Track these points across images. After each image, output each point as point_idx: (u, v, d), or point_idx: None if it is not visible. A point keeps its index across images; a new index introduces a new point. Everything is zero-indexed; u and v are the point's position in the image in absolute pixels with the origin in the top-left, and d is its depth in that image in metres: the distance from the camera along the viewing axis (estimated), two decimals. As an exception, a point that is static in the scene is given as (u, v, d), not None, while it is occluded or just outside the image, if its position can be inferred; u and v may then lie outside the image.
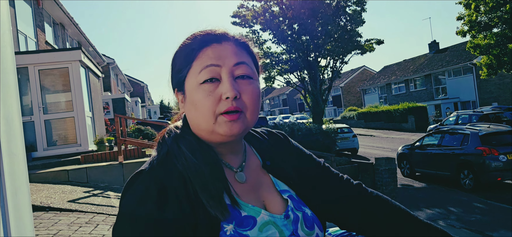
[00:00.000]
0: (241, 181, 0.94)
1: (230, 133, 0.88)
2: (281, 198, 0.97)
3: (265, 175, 1.01)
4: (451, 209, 9.68)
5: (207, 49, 0.90)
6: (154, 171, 0.85)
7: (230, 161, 0.97)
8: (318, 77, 19.20)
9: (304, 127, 14.55)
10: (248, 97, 0.90)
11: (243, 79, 0.90)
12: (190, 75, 0.91)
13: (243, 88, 0.89)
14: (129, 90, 34.47)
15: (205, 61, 0.89)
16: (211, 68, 0.88)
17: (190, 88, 0.91)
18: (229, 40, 0.93)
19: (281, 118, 40.63)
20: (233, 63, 0.90)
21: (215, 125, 0.88)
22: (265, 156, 1.04)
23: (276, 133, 1.14)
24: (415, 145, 13.55)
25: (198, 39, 0.93)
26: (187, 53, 0.93)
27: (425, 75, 36.42)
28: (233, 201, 0.87)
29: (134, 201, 0.81)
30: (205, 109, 0.87)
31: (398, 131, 29.96)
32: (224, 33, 0.94)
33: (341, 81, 48.64)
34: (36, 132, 8.65)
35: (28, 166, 6.48)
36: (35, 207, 4.95)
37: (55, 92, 9.32)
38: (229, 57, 0.90)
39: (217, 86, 0.88)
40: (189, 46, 0.93)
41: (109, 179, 7.41)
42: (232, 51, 0.91)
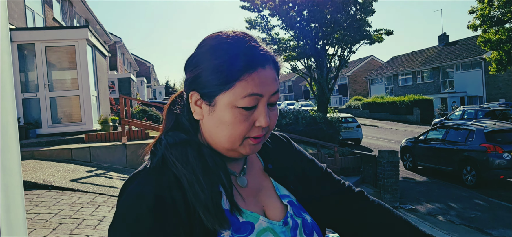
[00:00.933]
0: (243, 185, 0.94)
1: (251, 152, 0.89)
2: (281, 203, 0.95)
3: (266, 178, 1.00)
4: (451, 204, 9.69)
5: (254, 74, 0.83)
6: (152, 173, 0.84)
7: (231, 166, 0.95)
8: (325, 66, 19.07)
9: (309, 115, 14.52)
10: (272, 122, 0.90)
11: (272, 105, 0.89)
12: (227, 94, 0.84)
13: (270, 115, 0.88)
14: (135, 70, 34.48)
15: (250, 88, 0.83)
16: (255, 98, 0.84)
17: (223, 106, 0.85)
18: (270, 63, 0.87)
19: (286, 104, 40.58)
20: (272, 92, 0.86)
21: (240, 146, 0.87)
22: (267, 159, 1.03)
23: (280, 136, 1.12)
24: (419, 138, 13.51)
25: (243, 58, 0.84)
26: (228, 72, 0.83)
27: (433, 68, 36.11)
28: (232, 208, 0.86)
29: (131, 202, 0.81)
30: (236, 133, 0.85)
31: (402, 123, 29.85)
32: (266, 52, 0.87)
33: (348, 70, 48.35)
34: (41, 109, 8.70)
35: (32, 143, 6.57)
36: (37, 185, 5.01)
37: (61, 70, 9.34)
38: (269, 85, 0.85)
39: (253, 112, 0.85)
40: (231, 64, 0.83)
41: (112, 159, 7.46)
42: (272, 78, 0.86)
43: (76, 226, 3.50)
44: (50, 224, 3.50)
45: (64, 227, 3.45)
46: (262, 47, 0.88)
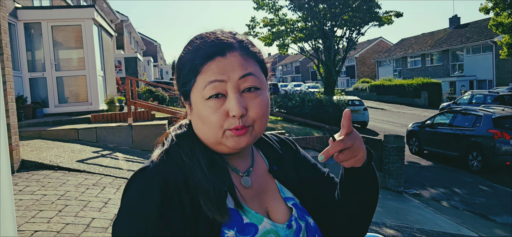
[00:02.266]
0: (247, 185, 0.93)
1: (238, 146, 0.87)
2: (285, 205, 0.95)
3: (271, 180, 0.99)
4: (456, 189, 9.68)
5: (210, 63, 0.86)
6: (158, 169, 0.84)
7: (237, 165, 0.95)
8: (333, 48, 18.93)
9: (315, 98, 14.47)
10: (255, 112, 0.87)
11: (250, 91, 0.86)
12: (195, 90, 0.88)
13: (250, 103, 0.86)
14: (142, 49, 34.44)
15: (209, 76, 0.85)
16: (215, 84, 0.84)
17: (196, 102, 0.88)
18: (234, 49, 0.87)
19: (293, 86, 40.46)
20: (239, 76, 0.85)
21: (223, 138, 0.86)
22: (272, 160, 1.02)
23: (286, 140, 1.12)
24: (425, 123, 13.44)
25: (201, 52, 0.87)
26: (190, 67, 0.88)
27: (443, 51, 35.67)
28: (237, 204, 0.86)
29: (137, 199, 0.81)
30: (213, 125, 0.86)
31: (410, 106, 29.66)
32: (228, 42, 0.88)
33: (356, 51, 47.90)
34: (48, 88, 8.75)
35: (39, 122, 6.63)
36: (44, 166, 5.08)
37: (67, 49, 9.37)
38: (234, 70, 0.85)
39: (224, 102, 0.85)
40: (192, 60, 0.88)
41: (118, 139, 7.52)
42: (237, 63, 0.86)
43: (81, 208, 3.56)
44: (56, 206, 3.56)
45: (69, 209, 3.51)
46: (226, 38, 0.89)
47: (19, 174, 4.74)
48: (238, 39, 0.91)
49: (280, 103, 14.99)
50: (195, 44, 0.89)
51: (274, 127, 11.69)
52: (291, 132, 11.22)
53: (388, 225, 6.22)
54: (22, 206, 3.47)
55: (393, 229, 6.01)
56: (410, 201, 8.59)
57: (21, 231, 2.87)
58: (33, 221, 3.09)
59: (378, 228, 5.89)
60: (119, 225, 0.82)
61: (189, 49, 0.90)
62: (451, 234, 6.48)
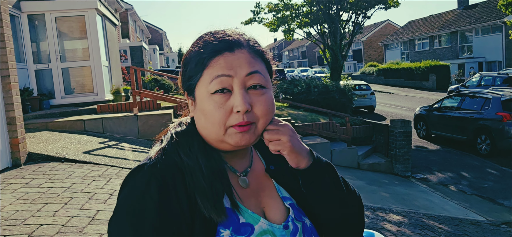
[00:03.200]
0: (244, 185, 0.93)
1: (240, 143, 0.87)
2: (283, 205, 0.95)
3: (268, 179, 0.99)
4: (463, 173, 9.62)
5: (219, 58, 0.87)
6: (156, 166, 0.84)
7: (234, 164, 0.95)
8: (339, 32, 18.74)
9: (321, 83, 14.38)
10: (260, 109, 0.87)
11: (256, 89, 0.88)
12: (200, 84, 0.88)
13: (255, 100, 0.87)
14: (148, 37, 34.41)
15: (216, 71, 0.86)
16: (222, 79, 0.85)
17: (200, 97, 0.88)
18: (242, 47, 0.89)
19: (299, 71, 40.29)
20: (246, 73, 0.86)
21: (225, 135, 0.86)
22: (269, 160, 1.02)
23: None
24: (433, 107, 13.33)
25: (210, 46, 0.89)
26: (198, 61, 0.89)
27: (451, 32, 35.19)
28: (233, 204, 0.86)
29: (134, 196, 0.81)
30: (216, 121, 0.86)
31: (418, 89, 29.41)
32: (237, 39, 0.90)
33: (362, 35, 47.45)
34: (54, 79, 8.79)
35: (46, 114, 6.68)
36: (51, 158, 5.12)
37: (72, 40, 9.37)
38: (241, 66, 0.87)
39: (229, 97, 0.86)
40: (200, 54, 0.89)
41: (124, 130, 7.56)
42: (245, 60, 0.88)
43: (87, 201, 3.59)
44: (62, 199, 3.58)
45: (75, 201, 3.54)
46: (234, 36, 0.91)
47: (26, 166, 4.78)
48: (246, 38, 0.93)
49: (285, 90, 14.92)
50: (204, 39, 0.91)
51: (280, 113, 11.66)
52: (297, 118, 11.18)
53: (395, 210, 6.21)
54: (29, 199, 3.50)
55: (400, 215, 6.00)
56: (417, 186, 8.57)
57: (26, 225, 2.90)
58: (39, 215, 3.12)
59: (384, 214, 5.88)
60: (116, 222, 0.82)
61: (198, 43, 0.91)
62: (458, 218, 6.46)
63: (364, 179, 8.22)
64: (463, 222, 6.27)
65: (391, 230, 5.12)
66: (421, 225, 5.65)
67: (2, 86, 4.78)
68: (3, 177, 4.28)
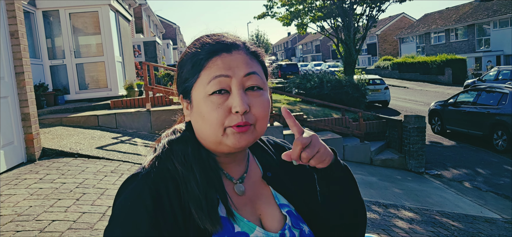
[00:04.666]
0: (240, 193, 0.92)
1: (239, 145, 0.86)
2: (280, 212, 0.94)
3: (265, 186, 0.98)
4: (479, 170, 9.47)
5: (216, 58, 0.87)
6: (149, 176, 0.83)
7: (231, 171, 0.94)
8: (352, 26, 18.55)
9: (334, 78, 14.28)
10: (258, 110, 0.87)
11: (253, 90, 0.87)
12: (197, 85, 0.88)
13: (253, 101, 0.86)
14: (161, 32, 34.59)
15: (214, 71, 0.86)
16: (220, 79, 0.85)
17: (197, 99, 0.88)
18: (239, 48, 0.89)
19: (313, 65, 40.07)
20: (244, 73, 0.86)
21: (223, 136, 0.85)
22: (267, 167, 1.01)
23: (282, 144, 1.10)
24: (448, 102, 13.13)
25: (207, 47, 0.89)
26: (194, 62, 0.89)
27: (468, 25, 34.51)
28: (229, 213, 0.86)
29: (128, 207, 0.81)
30: (214, 122, 0.85)
31: (433, 84, 28.98)
32: (234, 41, 0.90)
33: (377, 28, 46.93)
34: (68, 75, 8.91)
35: (60, 109, 6.79)
36: (65, 153, 5.20)
37: (86, 36, 9.47)
38: (239, 67, 0.86)
39: (227, 98, 0.85)
40: (197, 55, 0.89)
41: (137, 125, 7.64)
42: (242, 61, 0.88)
43: (98, 197, 3.64)
44: (74, 194, 3.64)
45: (87, 197, 3.59)
46: (231, 37, 0.91)
47: (40, 162, 4.87)
48: (243, 40, 0.93)
49: (298, 84, 14.85)
50: (201, 40, 0.91)
51: (292, 108, 11.63)
52: (309, 113, 11.13)
53: (407, 207, 6.15)
54: (42, 195, 3.57)
55: (412, 212, 5.94)
56: (431, 182, 8.47)
57: (39, 221, 2.96)
58: (51, 211, 3.18)
59: (396, 211, 5.83)
60: (110, 232, 0.81)
61: (194, 45, 0.91)
62: (472, 216, 6.37)
63: (377, 175, 8.15)
64: (477, 220, 6.18)
65: (403, 227, 5.07)
66: (434, 222, 5.58)
67: (16, 83, 4.86)
68: (18, 172, 4.37)
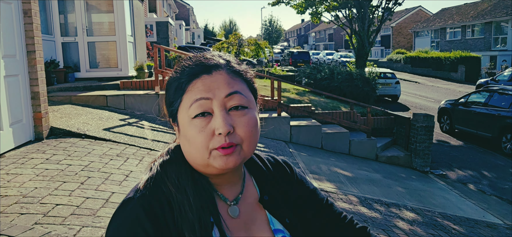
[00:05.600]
0: (234, 216, 0.91)
1: (226, 166, 0.84)
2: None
3: (261, 210, 0.96)
4: (485, 172, 9.41)
5: (196, 81, 0.86)
6: (145, 198, 0.82)
7: (225, 192, 0.93)
8: (367, 18, 18.31)
9: (345, 70, 14.18)
10: (242, 130, 0.85)
11: (237, 110, 0.86)
12: (181, 109, 0.87)
13: (237, 121, 0.85)
14: (175, 12, 34.50)
15: (194, 94, 0.85)
16: (201, 102, 0.84)
17: (182, 122, 0.87)
18: (220, 68, 0.88)
19: (325, 54, 39.75)
20: (225, 94, 0.85)
21: (210, 158, 0.84)
22: (264, 188, 0.99)
23: (282, 164, 1.08)
24: (459, 101, 13.00)
25: (187, 70, 0.88)
26: (176, 86, 0.89)
27: (486, 23, 33.86)
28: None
29: (124, 230, 0.80)
30: (199, 145, 0.84)
31: (445, 80, 28.64)
32: (215, 62, 0.89)
33: (392, 20, 46.26)
34: (80, 53, 8.97)
35: (70, 87, 6.86)
36: (72, 134, 5.27)
37: (98, 14, 9.48)
38: (220, 88, 0.85)
39: (210, 120, 0.84)
40: (178, 79, 0.89)
41: (145, 107, 7.69)
42: (223, 81, 0.86)
43: (102, 181, 3.70)
44: (79, 177, 3.71)
45: (91, 181, 3.65)
46: (212, 58, 0.90)
47: (48, 141, 4.95)
48: (226, 59, 0.92)
49: (308, 74, 14.78)
50: (182, 64, 0.91)
51: (301, 98, 11.60)
52: (318, 105, 11.11)
53: (409, 207, 6.15)
54: (47, 176, 3.64)
55: (414, 212, 5.95)
56: (435, 182, 8.44)
57: (43, 204, 3.02)
58: (55, 194, 3.25)
59: (398, 211, 5.84)
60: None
61: (176, 70, 0.91)
62: (474, 220, 6.35)
63: (381, 172, 8.14)
64: (479, 224, 6.17)
65: (403, 228, 5.08)
66: (435, 224, 5.59)
67: (27, 61, 4.92)
68: (25, 151, 4.45)
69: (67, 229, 2.67)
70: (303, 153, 7.95)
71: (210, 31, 44.44)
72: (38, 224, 2.70)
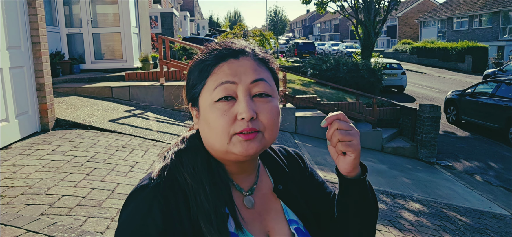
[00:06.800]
0: (249, 206, 0.90)
1: (246, 153, 0.83)
2: (288, 229, 0.92)
3: (276, 200, 0.95)
4: (491, 163, 9.35)
5: (223, 65, 0.85)
6: (158, 188, 0.81)
7: (240, 182, 0.92)
8: (373, 8, 18.14)
9: (350, 61, 14.11)
10: (266, 117, 0.84)
11: (261, 97, 0.85)
12: (204, 92, 0.86)
13: (260, 108, 0.84)
14: (179, 3, 34.40)
15: (220, 77, 0.84)
16: (226, 86, 0.83)
17: (204, 106, 0.86)
18: (247, 54, 0.88)
19: (330, 45, 39.54)
20: (251, 80, 0.84)
21: (230, 144, 0.83)
22: (278, 179, 0.98)
23: (294, 155, 1.08)
24: (466, 91, 12.89)
25: (214, 53, 0.88)
26: (201, 68, 0.87)
27: (494, 12, 33.46)
28: (237, 228, 0.84)
29: (136, 220, 0.78)
30: (219, 129, 0.83)
31: (452, 71, 28.42)
32: (242, 48, 0.89)
33: (398, 10, 45.83)
34: (85, 44, 8.98)
35: (76, 78, 6.87)
36: (78, 125, 5.28)
37: (103, 5, 9.47)
38: (246, 73, 0.85)
39: (233, 104, 0.83)
40: (204, 61, 0.88)
41: (150, 99, 7.70)
42: (250, 67, 0.86)
43: (108, 172, 3.71)
44: (84, 169, 3.72)
45: (97, 172, 3.66)
46: (239, 44, 0.91)
47: (54, 132, 4.97)
48: (251, 47, 0.91)
49: (314, 65, 14.71)
50: (209, 47, 0.91)
51: (306, 90, 11.56)
52: (323, 95, 11.06)
53: (415, 198, 6.13)
54: (53, 168, 3.65)
55: (420, 203, 5.93)
56: (441, 173, 8.40)
57: (49, 195, 3.04)
58: (61, 185, 3.26)
59: (404, 202, 5.83)
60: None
61: (202, 51, 0.91)
62: (480, 211, 6.32)
63: (387, 163, 8.12)
64: (485, 215, 6.14)
65: (409, 219, 5.07)
66: (441, 215, 5.57)
67: (32, 52, 4.92)
68: (32, 142, 4.47)
69: (73, 220, 2.68)
70: (309, 144, 7.93)
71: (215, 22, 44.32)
72: (44, 215, 2.71)
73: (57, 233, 2.43)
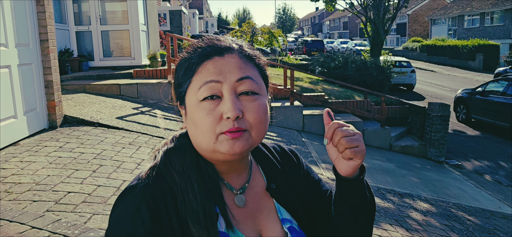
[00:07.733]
0: (240, 205, 0.89)
1: (232, 151, 0.82)
2: (281, 228, 0.90)
3: (268, 198, 0.94)
4: (501, 163, 9.23)
5: (207, 63, 0.84)
6: (147, 188, 0.80)
7: (231, 181, 0.91)
8: (383, 5, 17.99)
9: (359, 59, 14.01)
10: (252, 116, 0.83)
11: (248, 95, 0.83)
12: (190, 91, 0.85)
13: (247, 106, 0.83)
14: (188, 0, 34.48)
15: (204, 76, 0.83)
16: (211, 85, 0.82)
17: (190, 105, 0.85)
18: (233, 52, 0.86)
19: (339, 43, 39.34)
20: (236, 78, 0.83)
21: (216, 143, 0.82)
22: (271, 177, 0.97)
23: (289, 153, 1.06)
24: (476, 90, 12.74)
25: (199, 51, 0.86)
26: (186, 67, 0.86)
27: (506, 10, 33.01)
28: (228, 227, 0.83)
29: (125, 220, 0.78)
30: (205, 129, 0.82)
31: (462, 69, 28.10)
32: (228, 45, 0.87)
33: (408, 8, 45.46)
34: (93, 42, 9.03)
35: (84, 76, 6.91)
36: (85, 122, 5.32)
37: (112, 2, 9.50)
38: (231, 72, 0.83)
39: (218, 103, 0.82)
40: (189, 59, 0.86)
41: (158, 96, 7.72)
42: (235, 65, 0.84)
43: (114, 169, 3.72)
44: (91, 166, 3.74)
45: (103, 169, 3.68)
46: (226, 41, 0.89)
47: (61, 129, 5.00)
48: (238, 44, 0.89)
49: (322, 63, 14.64)
50: (194, 45, 0.89)
51: (314, 88, 11.51)
52: (331, 94, 11.00)
53: (423, 198, 6.08)
54: (60, 164, 3.68)
55: (428, 203, 5.87)
56: (450, 172, 8.31)
57: (55, 191, 3.06)
58: (67, 181, 3.28)
59: (412, 201, 5.77)
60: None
61: (188, 49, 0.89)
62: (490, 211, 6.25)
63: (395, 162, 8.05)
64: (494, 215, 6.07)
65: (417, 219, 5.02)
66: (449, 215, 5.51)
67: (41, 50, 4.96)
68: (39, 139, 4.50)
69: (78, 217, 2.70)
70: (316, 142, 7.90)
71: (224, 20, 44.34)
72: (49, 211, 2.73)
73: (61, 230, 2.45)
